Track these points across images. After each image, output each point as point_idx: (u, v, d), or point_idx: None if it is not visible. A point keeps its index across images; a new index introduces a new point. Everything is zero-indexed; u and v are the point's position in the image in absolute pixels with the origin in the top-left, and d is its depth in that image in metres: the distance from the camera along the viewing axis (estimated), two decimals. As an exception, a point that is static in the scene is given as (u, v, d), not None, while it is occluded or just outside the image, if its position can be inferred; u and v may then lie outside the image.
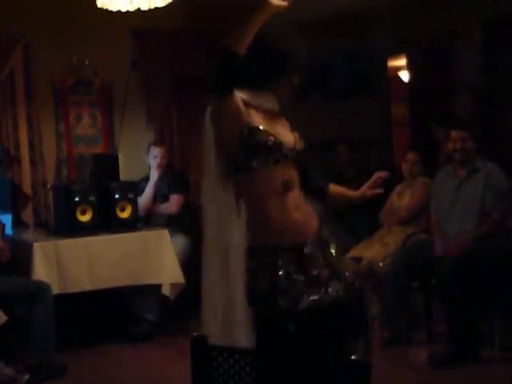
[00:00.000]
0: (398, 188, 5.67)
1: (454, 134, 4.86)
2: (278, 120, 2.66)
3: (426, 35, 6.48)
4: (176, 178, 6.09)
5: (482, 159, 4.85)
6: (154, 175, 5.95)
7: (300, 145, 2.65)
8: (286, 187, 2.54)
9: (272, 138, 2.53)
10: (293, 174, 2.59)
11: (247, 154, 2.52)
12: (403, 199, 5.56)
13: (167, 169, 6.04)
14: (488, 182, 4.72)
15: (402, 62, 7.54)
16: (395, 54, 7.30)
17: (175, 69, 6.34)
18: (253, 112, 2.56)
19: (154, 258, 5.25)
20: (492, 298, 4.50)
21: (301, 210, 2.59)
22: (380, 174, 2.88)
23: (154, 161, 5.94)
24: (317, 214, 2.67)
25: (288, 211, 2.54)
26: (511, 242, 4.61)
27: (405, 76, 7.79)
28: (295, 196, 2.58)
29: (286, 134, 2.63)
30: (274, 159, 2.53)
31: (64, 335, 4.82)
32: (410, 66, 7.29)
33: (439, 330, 4.85)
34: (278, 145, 2.54)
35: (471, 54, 6.28)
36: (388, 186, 3.05)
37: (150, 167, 6.00)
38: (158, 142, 6.22)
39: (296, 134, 2.68)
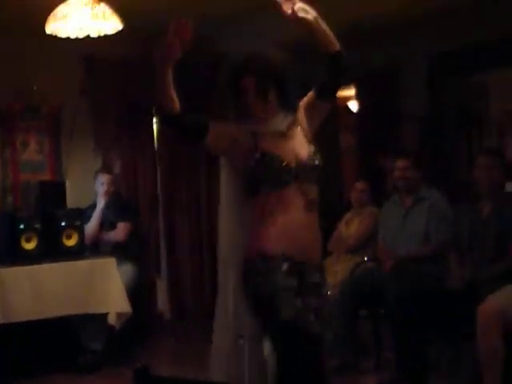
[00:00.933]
0: (347, 216, 5.71)
1: (398, 162, 4.93)
2: (291, 137, 2.67)
3: (374, 66, 6.58)
4: (123, 205, 6.04)
5: (428, 188, 4.91)
6: (101, 202, 5.89)
7: (313, 160, 2.65)
8: (309, 208, 2.59)
9: (280, 161, 2.56)
10: (310, 192, 2.62)
11: (258, 180, 2.57)
12: (351, 228, 5.60)
13: (115, 196, 5.99)
14: (432, 210, 4.78)
15: (350, 92, 7.62)
16: (344, 84, 7.38)
17: (126, 96, 6.31)
18: (261, 137, 2.60)
19: (101, 287, 5.19)
20: (439, 325, 4.53)
21: (310, 231, 2.63)
22: None
23: (101, 188, 5.89)
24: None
25: (296, 228, 2.58)
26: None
27: (353, 106, 7.88)
28: (309, 216, 2.61)
29: (299, 151, 2.64)
30: (284, 181, 2.56)
31: (6, 366, 4.70)
32: (358, 96, 7.38)
33: (388, 357, 4.87)
34: (287, 166, 2.57)
35: (417, 85, 6.39)
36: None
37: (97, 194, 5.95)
38: (106, 169, 6.16)
39: (312, 148, 2.68)
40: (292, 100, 2.70)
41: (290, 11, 2.57)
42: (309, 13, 2.61)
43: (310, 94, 2.75)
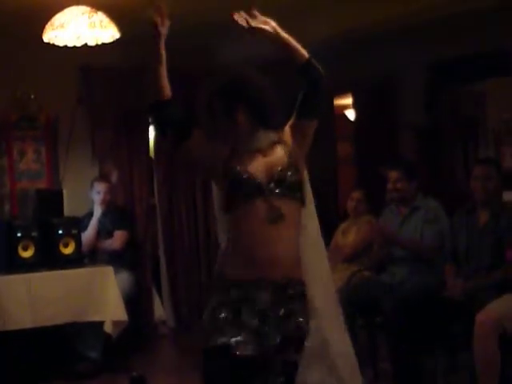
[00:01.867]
0: (343, 226, 5.70)
1: (390, 174, 4.93)
2: (270, 154, 2.60)
3: (372, 75, 6.60)
4: (120, 213, 6.04)
5: (424, 197, 4.92)
6: (98, 211, 5.90)
7: (285, 174, 2.55)
8: (271, 220, 2.50)
9: (244, 176, 2.52)
10: (280, 206, 2.51)
11: (226, 194, 2.54)
12: (348, 237, 5.59)
13: (111, 205, 5.99)
14: (426, 218, 4.78)
15: (348, 100, 7.64)
16: (341, 92, 7.40)
17: (123, 105, 6.31)
18: (234, 153, 2.57)
19: (98, 295, 5.19)
20: (436, 335, 4.53)
21: (275, 246, 2.51)
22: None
23: (97, 196, 5.90)
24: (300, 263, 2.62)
25: (257, 245, 2.49)
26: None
27: (351, 114, 7.90)
28: (274, 230, 2.50)
29: (274, 167, 2.56)
30: (248, 194, 2.50)
31: (4, 374, 4.68)
32: (355, 105, 7.39)
33: (384, 367, 4.86)
34: (250, 180, 2.52)
35: (415, 94, 6.41)
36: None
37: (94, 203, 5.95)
38: (102, 177, 6.16)
39: (289, 163, 2.58)
40: (273, 119, 2.61)
41: (244, 24, 2.54)
42: (268, 23, 2.57)
43: (294, 113, 2.70)
